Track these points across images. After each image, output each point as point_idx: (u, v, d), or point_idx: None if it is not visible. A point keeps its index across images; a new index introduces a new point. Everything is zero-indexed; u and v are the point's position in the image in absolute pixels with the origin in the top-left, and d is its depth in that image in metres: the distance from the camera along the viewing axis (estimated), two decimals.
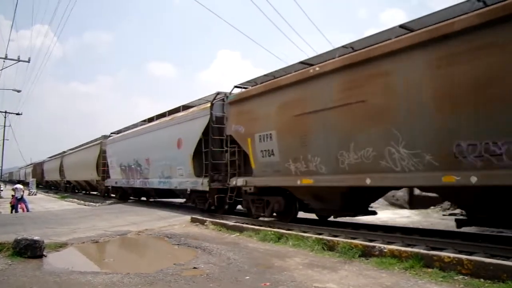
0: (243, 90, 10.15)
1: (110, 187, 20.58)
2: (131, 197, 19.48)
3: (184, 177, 12.26)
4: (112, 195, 21.43)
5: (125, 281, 4.60)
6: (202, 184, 11.07)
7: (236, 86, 10.39)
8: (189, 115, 12.30)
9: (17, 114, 36.13)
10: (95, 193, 25.94)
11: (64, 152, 32.37)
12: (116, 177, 19.02)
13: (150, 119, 16.26)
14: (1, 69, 24.73)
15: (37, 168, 47.55)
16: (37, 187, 41.73)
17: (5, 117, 35.96)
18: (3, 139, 38.18)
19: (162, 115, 15.09)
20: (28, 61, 24.77)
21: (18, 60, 24.31)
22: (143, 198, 18.97)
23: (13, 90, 29.93)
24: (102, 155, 20.98)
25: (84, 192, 29.38)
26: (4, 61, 24.05)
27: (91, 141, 24.80)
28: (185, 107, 13.33)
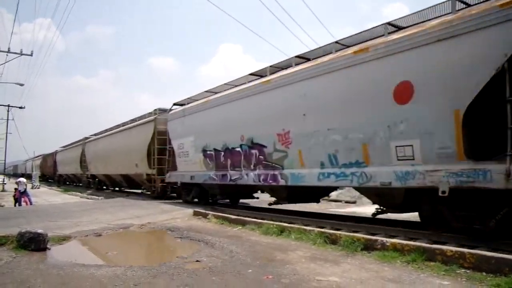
0: None
1: (178, 184, 13.49)
2: (215, 199, 12.68)
3: (423, 164, 5.94)
4: (173, 194, 15.26)
5: (128, 274, 4.63)
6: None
7: None
8: (447, 27, 5.65)
9: (20, 107, 36.21)
10: (137, 191, 20.18)
11: (87, 138, 25.79)
12: (191, 169, 12.41)
13: (275, 69, 9.42)
14: (4, 63, 24.78)
15: (48, 160, 42.00)
16: (47, 181, 40.87)
17: (8, 111, 36.06)
18: (6, 133, 38.30)
19: (307, 55, 8.67)
20: (31, 55, 24.83)
21: (21, 54, 24.35)
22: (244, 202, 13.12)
23: (16, 83, 30.00)
24: (158, 137, 14.78)
25: (113, 189, 23.77)
26: (7, 55, 24.11)
27: (137, 118, 18.09)
28: (394, 27, 6.93)
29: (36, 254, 5.75)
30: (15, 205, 16.13)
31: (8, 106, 35.53)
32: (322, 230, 6.66)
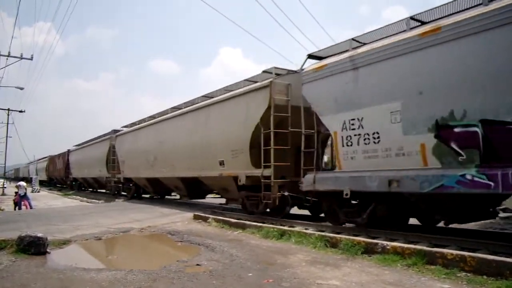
0: None
1: (345, 194, 7.18)
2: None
3: None
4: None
5: (128, 278, 4.62)
6: None
7: None
8: None
9: (20, 111, 36.25)
10: (203, 201, 15.28)
11: (117, 131, 19.81)
12: (385, 166, 6.63)
13: None
14: (4, 67, 24.86)
15: (56, 162, 35.55)
16: (54, 187, 37.66)
17: (8, 115, 36.15)
18: (6, 137, 38.36)
19: None
20: (31, 59, 24.90)
21: (21, 58, 24.44)
22: None
23: (16, 87, 30.11)
24: (275, 114, 8.89)
25: (152, 197, 17.88)
26: (7, 59, 24.20)
27: (215, 92, 11.93)
28: None
29: (36, 258, 5.74)
30: (15, 209, 16.15)
31: (8, 110, 35.65)
32: (323, 233, 6.66)
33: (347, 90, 7.30)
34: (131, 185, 18.25)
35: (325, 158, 8.23)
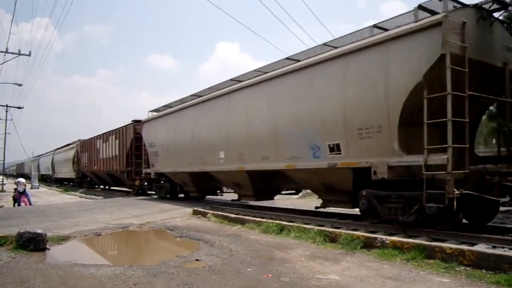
0: None
1: None
2: None
3: None
4: None
5: (128, 273, 4.62)
6: None
7: None
8: None
9: (18, 107, 36.09)
10: None
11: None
12: None
13: None
14: (2, 63, 24.73)
15: (101, 148, 21.13)
16: (90, 189, 25.69)
17: (6, 111, 35.95)
18: (5, 133, 38.23)
19: None
20: (29, 55, 24.75)
21: (19, 54, 24.29)
22: None
23: (14, 84, 29.95)
24: (452, 67, 5.24)
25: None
26: (5, 55, 24.06)
27: None
28: None
29: (36, 254, 5.74)
30: (14, 205, 16.11)
31: (7, 106, 35.47)
32: (322, 228, 6.66)
33: None
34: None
35: None
